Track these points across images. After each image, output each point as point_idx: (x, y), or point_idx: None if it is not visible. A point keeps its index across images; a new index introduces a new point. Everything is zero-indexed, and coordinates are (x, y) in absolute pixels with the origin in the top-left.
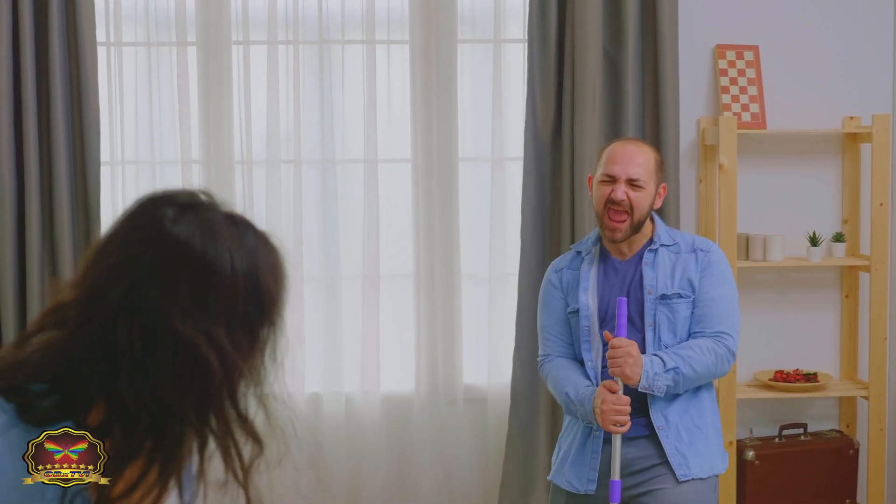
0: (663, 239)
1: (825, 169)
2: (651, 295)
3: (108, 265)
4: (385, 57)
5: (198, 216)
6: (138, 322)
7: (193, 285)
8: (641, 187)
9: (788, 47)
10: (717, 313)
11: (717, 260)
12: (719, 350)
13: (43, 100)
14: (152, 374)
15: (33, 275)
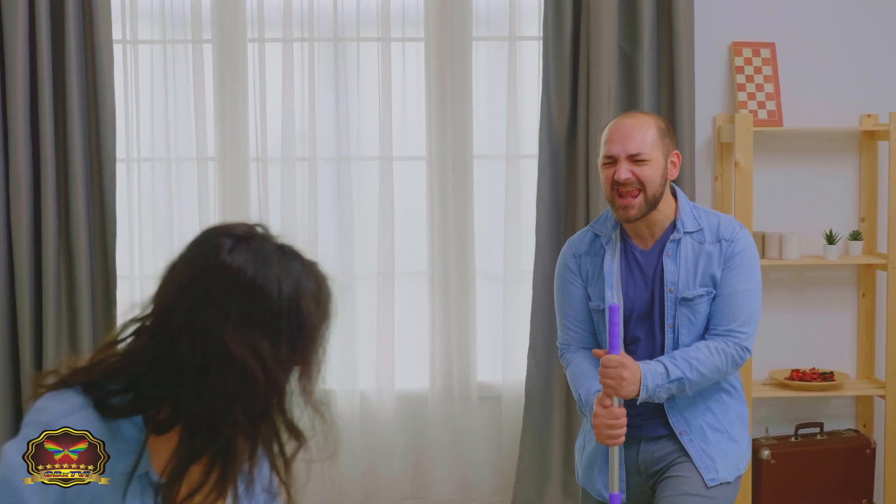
0: (687, 224)
1: (842, 167)
2: (672, 294)
3: (173, 287)
4: (400, 54)
5: (251, 246)
6: (198, 338)
7: (244, 307)
8: (646, 160)
9: (805, 44)
10: (734, 309)
11: (742, 249)
12: (730, 350)
13: (59, 97)
14: (209, 383)
15: (49, 271)
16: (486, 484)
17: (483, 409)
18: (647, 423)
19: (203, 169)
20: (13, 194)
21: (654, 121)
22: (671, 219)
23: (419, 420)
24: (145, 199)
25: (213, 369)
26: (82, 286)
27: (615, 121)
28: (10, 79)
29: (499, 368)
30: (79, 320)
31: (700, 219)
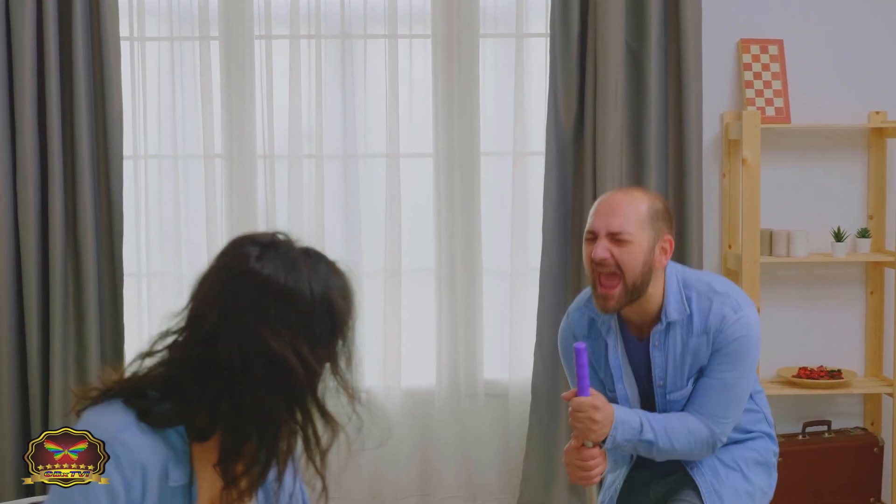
0: (672, 313)
1: (850, 164)
2: (661, 388)
3: (203, 296)
4: (407, 51)
5: (278, 253)
6: (238, 341)
7: (280, 309)
8: (626, 241)
9: (813, 41)
10: (715, 398)
11: (734, 338)
12: (708, 437)
13: (66, 94)
14: (249, 382)
15: (56, 268)
16: (492, 481)
17: (490, 406)
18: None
19: (210, 166)
20: (20, 191)
21: (649, 200)
22: (660, 304)
23: (425, 417)
24: (152, 196)
25: (255, 369)
26: (89, 283)
27: (606, 194)
28: (17, 76)
29: (505, 366)
30: (86, 317)
31: (691, 302)
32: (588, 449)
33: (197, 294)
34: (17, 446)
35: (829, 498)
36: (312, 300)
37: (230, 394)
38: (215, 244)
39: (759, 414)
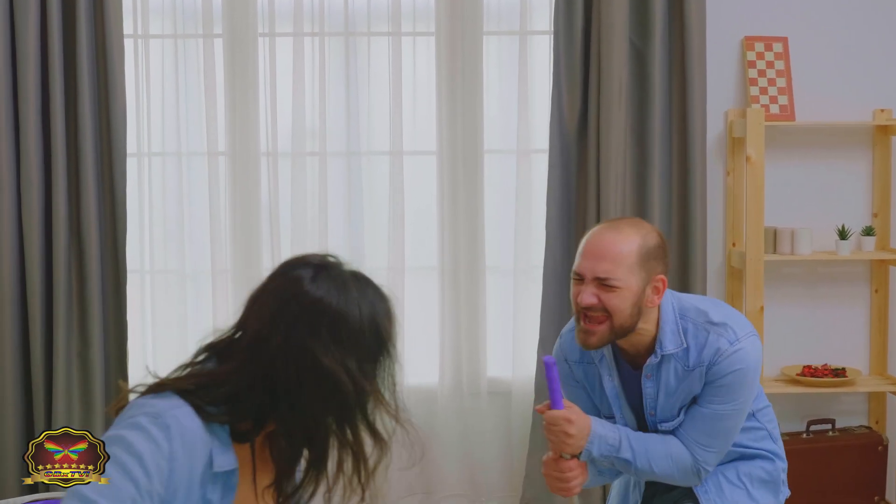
0: (667, 346)
1: (855, 162)
2: (653, 417)
3: (264, 316)
4: (411, 49)
5: (330, 275)
6: (293, 357)
7: (331, 329)
8: (615, 287)
9: (818, 38)
10: (702, 428)
11: (726, 372)
12: (690, 466)
13: (70, 92)
14: (302, 397)
15: (59, 265)
16: (495, 480)
17: (493, 404)
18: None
19: (213, 164)
20: (24, 189)
21: (640, 239)
22: (655, 335)
23: (428, 415)
24: (156, 193)
25: (308, 384)
26: (93, 281)
27: (593, 231)
28: (21, 74)
29: (508, 364)
30: (89, 315)
31: (687, 334)
32: (565, 461)
33: (254, 314)
34: (20, 442)
35: (833, 497)
36: (361, 321)
37: (287, 407)
38: (219, 242)
39: (762, 431)
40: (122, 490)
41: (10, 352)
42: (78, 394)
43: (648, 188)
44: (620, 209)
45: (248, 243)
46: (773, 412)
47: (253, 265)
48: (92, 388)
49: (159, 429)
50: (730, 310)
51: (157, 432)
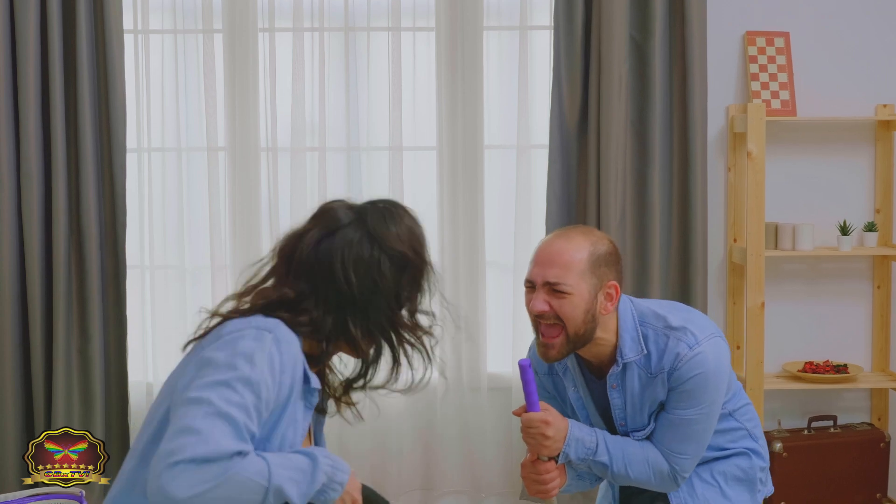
0: (627, 354)
1: (857, 157)
2: (623, 427)
3: (320, 249)
4: (411, 44)
5: (374, 213)
6: (358, 274)
7: (391, 265)
8: (566, 293)
9: (820, 33)
10: (673, 433)
11: (687, 377)
12: (667, 472)
13: (70, 87)
14: (368, 308)
15: (59, 260)
16: (495, 476)
17: (492, 400)
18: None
19: (213, 159)
20: (24, 184)
21: (590, 245)
22: (615, 344)
23: (428, 411)
24: (156, 188)
25: (365, 296)
26: (92, 276)
27: (546, 239)
28: (21, 69)
29: (509, 359)
30: (89, 310)
31: (647, 340)
32: (543, 463)
33: (293, 250)
34: (20, 437)
35: (834, 493)
36: (400, 238)
37: (354, 317)
38: (218, 237)
39: (741, 431)
40: (245, 398)
41: (10, 347)
42: (77, 389)
43: (649, 184)
44: (620, 205)
45: (247, 239)
46: (753, 410)
47: (252, 260)
48: (91, 382)
49: (273, 342)
50: (691, 313)
51: (271, 345)
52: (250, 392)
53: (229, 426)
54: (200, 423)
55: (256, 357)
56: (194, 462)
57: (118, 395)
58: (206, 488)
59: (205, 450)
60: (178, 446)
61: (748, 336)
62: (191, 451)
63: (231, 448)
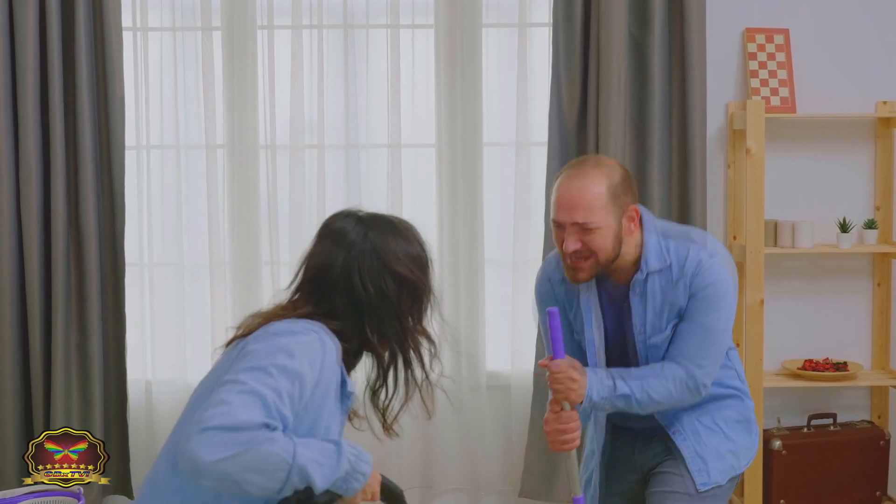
0: (652, 264)
1: (857, 154)
2: (641, 335)
3: (333, 260)
4: (409, 41)
5: (379, 228)
6: (372, 285)
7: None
8: (593, 229)
9: (820, 30)
10: (693, 342)
11: (709, 283)
12: (687, 381)
13: (69, 85)
14: (387, 304)
15: (58, 258)
16: (494, 474)
17: (492, 398)
18: (641, 422)
19: (212, 156)
20: (23, 181)
21: (605, 178)
22: (639, 256)
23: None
24: (154, 186)
25: (388, 291)
26: (91, 273)
27: (563, 178)
28: (20, 66)
29: (508, 357)
30: (87, 307)
31: (669, 252)
32: (567, 413)
33: (311, 264)
34: (19, 435)
35: (834, 491)
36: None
37: (373, 322)
38: (217, 234)
39: (732, 371)
40: (280, 384)
41: (9, 344)
42: (76, 386)
43: (648, 181)
44: None
45: (246, 236)
46: (738, 353)
47: (251, 258)
48: (90, 380)
49: (318, 342)
50: (708, 234)
51: (315, 344)
52: (286, 380)
53: (259, 402)
54: (233, 397)
55: (297, 352)
56: (222, 429)
57: (117, 393)
58: (231, 454)
59: (233, 419)
60: (209, 415)
61: (748, 333)
62: (220, 419)
63: (259, 420)
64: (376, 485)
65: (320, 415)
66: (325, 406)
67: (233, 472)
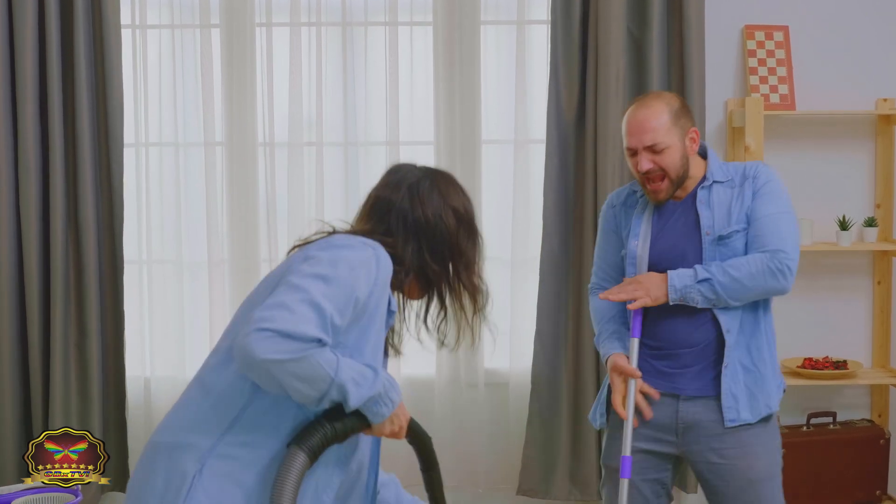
0: (717, 175)
1: (857, 152)
2: (709, 237)
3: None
4: (408, 39)
5: (441, 176)
6: (434, 229)
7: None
8: (663, 149)
9: (819, 27)
10: (766, 231)
11: (767, 180)
12: (766, 260)
13: (68, 82)
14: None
15: (57, 255)
16: (491, 471)
17: (490, 395)
18: (688, 382)
19: (211, 153)
20: (22, 179)
21: (667, 105)
22: (703, 171)
23: (425, 406)
24: (153, 183)
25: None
26: (90, 271)
27: (629, 111)
28: (19, 64)
29: (506, 355)
30: (86, 304)
31: (729, 171)
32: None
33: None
34: (18, 433)
35: (834, 490)
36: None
37: (427, 257)
38: (216, 232)
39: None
40: (338, 295)
41: (8, 342)
42: (75, 383)
43: None
44: None
45: (245, 233)
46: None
47: (250, 255)
48: (89, 377)
49: (374, 258)
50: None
51: (372, 259)
52: (343, 291)
53: (317, 316)
54: (294, 304)
55: (357, 265)
56: (279, 334)
57: (116, 390)
58: (283, 358)
59: (292, 327)
60: (270, 316)
61: None
62: (279, 323)
63: (314, 334)
64: (404, 420)
65: (370, 327)
66: (374, 321)
67: (279, 374)
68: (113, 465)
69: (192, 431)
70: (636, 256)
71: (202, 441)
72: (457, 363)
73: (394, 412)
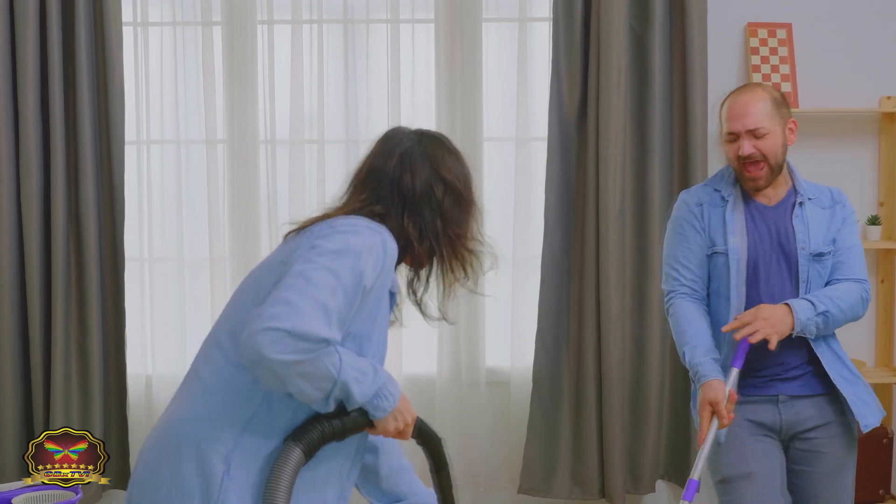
0: (808, 192)
1: (860, 150)
2: (804, 251)
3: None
4: (409, 36)
5: (432, 140)
6: (420, 199)
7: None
8: (765, 134)
9: (822, 25)
10: (853, 262)
11: (851, 209)
12: (861, 292)
13: (69, 80)
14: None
15: (58, 252)
16: (492, 470)
17: (491, 394)
18: (788, 382)
19: (212, 151)
20: (24, 176)
21: (768, 93)
22: (789, 182)
23: (427, 405)
24: (154, 181)
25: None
26: (91, 268)
27: (731, 97)
28: (20, 61)
29: (507, 354)
30: (87, 301)
31: (813, 189)
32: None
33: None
34: (20, 430)
35: None
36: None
37: (423, 223)
38: (217, 229)
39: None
40: (347, 287)
41: (9, 339)
42: (76, 381)
43: (648, 176)
44: (620, 198)
45: (246, 231)
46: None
47: (251, 253)
48: (90, 375)
49: (381, 244)
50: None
51: (379, 245)
52: (352, 282)
53: (325, 314)
54: (303, 302)
55: (364, 252)
56: (289, 334)
57: (117, 387)
58: (294, 359)
59: (301, 327)
60: (279, 313)
61: None
62: (289, 323)
63: (323, 334)
64: (409, 418)
65: (376, 313)
66: (381, 306)
67: (286, 374)
68: (113, 463)
69: (212, 428)
70: (738, 252)
71: (225, 437)
72: (458, 362)
73: (396, 408)
